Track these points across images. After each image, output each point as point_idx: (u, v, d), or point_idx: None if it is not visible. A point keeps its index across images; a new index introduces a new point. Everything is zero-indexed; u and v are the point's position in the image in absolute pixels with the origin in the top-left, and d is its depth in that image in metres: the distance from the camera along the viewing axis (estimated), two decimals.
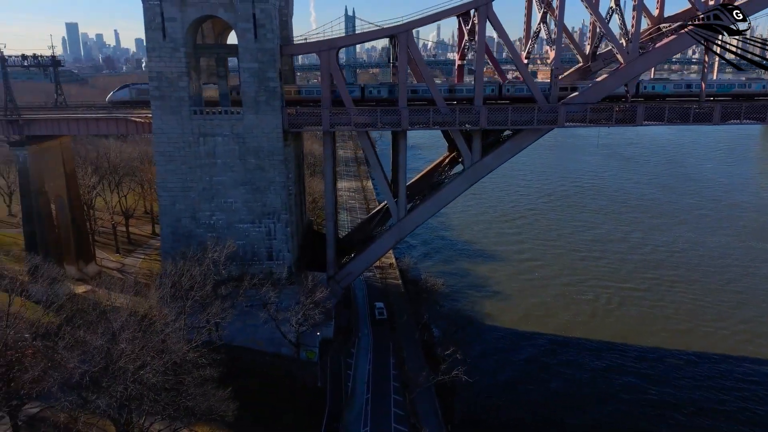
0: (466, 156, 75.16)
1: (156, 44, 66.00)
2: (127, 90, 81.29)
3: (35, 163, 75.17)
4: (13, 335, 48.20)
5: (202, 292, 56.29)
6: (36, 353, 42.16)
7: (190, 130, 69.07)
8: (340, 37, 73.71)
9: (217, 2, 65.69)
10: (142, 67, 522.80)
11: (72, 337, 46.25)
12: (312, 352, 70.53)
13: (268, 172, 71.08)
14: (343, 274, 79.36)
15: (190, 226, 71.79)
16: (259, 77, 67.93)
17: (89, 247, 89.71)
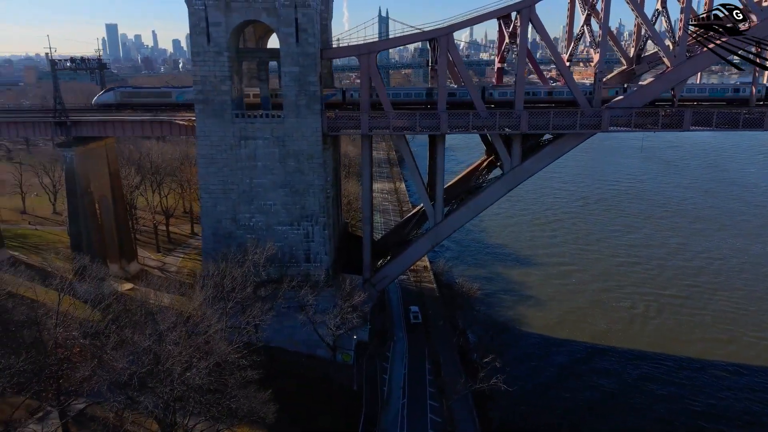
0: (505, 160, 74.30)
1: (200, 48, 67.13)
2: (111, 93, 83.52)
3: (81, 164, 77.33)
4: (62, 333, 49.81)
5: (243, 293, 56.97)
6: (84, 351, 43.29)
7: (232, 133, 70.03)
8: (380, 40, 73.83)
9: (261, 7, 66.45)
10: (179, 67, 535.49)
11: (118, 336, 47.57)
12: (348, 354, 70.86)
13: (307, 175, 71.57)
14: (379, 278, 79.36)
15: (230, 228, 72.81)
16: (300, 81, 68.44)
17: (132, 246, 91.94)
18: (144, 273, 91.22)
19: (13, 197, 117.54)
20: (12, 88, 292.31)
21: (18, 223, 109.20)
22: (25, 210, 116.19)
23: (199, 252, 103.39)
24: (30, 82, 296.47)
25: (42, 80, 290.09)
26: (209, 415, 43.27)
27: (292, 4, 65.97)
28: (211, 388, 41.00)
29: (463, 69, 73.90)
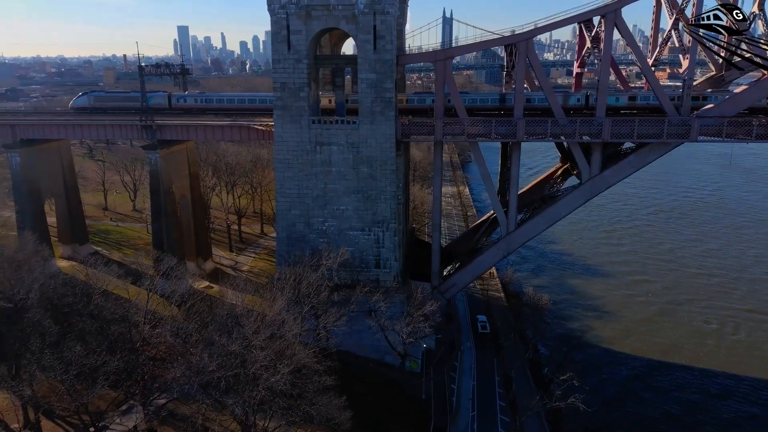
0: (584, 169, 71.90)
1: (281, 56, 68.59)
2: (86, 98, 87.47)
3: (165, 165, 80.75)
4: (150, 331, 52.04)
5: (319, 298, 57.71)
6: (173, 351, 44.98)
7: (308, 138, 71.19)
8: (457, 46, 73.09)
9: (340, 15, 67.18)
10: (246, 69, 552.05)
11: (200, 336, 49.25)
12: (415, 362, 70.64)
13: (380, 181, 71.79)
14: (448, 286, 78.66)
15: (303, 231, 74.06)
16: (376, 88, 68.71)
17: (208, 245, 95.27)
18: (218, 271, 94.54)
19: (96, 194, 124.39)
20: (92, 88, 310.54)
21: (100, 219, 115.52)
22: (107, 207, 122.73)
23: (269, 252, 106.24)
24: (109, 82, 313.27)
25: (120, 81, 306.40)
26: (288, 420, 43.97)
27: (371, 11, 66.30)
28: (292, 394, 41.67)
29: (542, 75, 72.10)
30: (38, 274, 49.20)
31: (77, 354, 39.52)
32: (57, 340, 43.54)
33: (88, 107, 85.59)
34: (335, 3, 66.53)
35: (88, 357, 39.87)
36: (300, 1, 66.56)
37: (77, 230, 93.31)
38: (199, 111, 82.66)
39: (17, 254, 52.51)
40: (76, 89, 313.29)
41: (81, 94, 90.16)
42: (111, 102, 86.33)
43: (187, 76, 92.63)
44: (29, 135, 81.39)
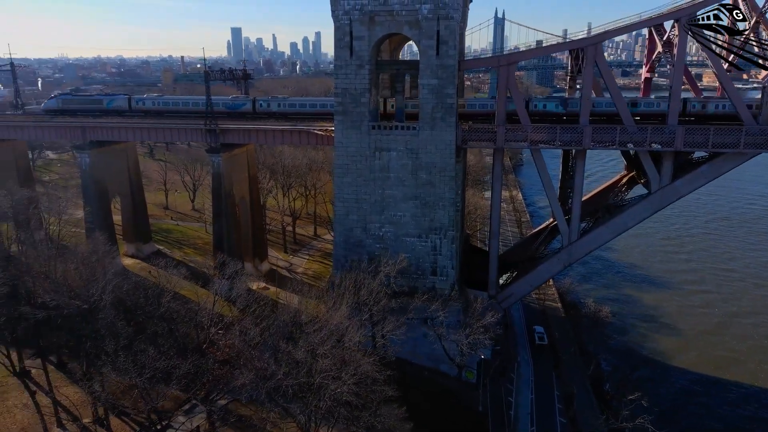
0: (653, 179, 68.98)
1: (343, 62, 68.77)
2: (54, 100, 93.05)
3: (226, 168, 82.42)
4: (215, 333, 53.01)
5: (378, 306, 57.48)
6: (240, 355, 45.60)
7: (368, 144, 71.11)
8: (520, 51, 71.45)
9: (404, 20, 66.77)
10: (296, 69, 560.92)
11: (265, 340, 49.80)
12: (471, 372, 69.48)
13: (438, 187, 70.99)
14: (505, 295, 77.09)
15: (360, 237, 74.07)
16: (438, 93, 67.95)
17: (264, 246, 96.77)
18: (274, 272, 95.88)
19: (158, 193, 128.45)
20: (151, 88, 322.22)
21: (161, 218, 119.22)
22: (168, 206, 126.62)
23: (322, 254, 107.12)
24: (167, 83, 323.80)
25: (178, 82, 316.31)
26: (350, 430, 43.86)
27: (435, 16, 65.59)
28: (357, 404, 41.54)
29: (611, 81, 69.51)
30: (111, 275, 50.89)
31: (151, 357, 40.58)
32: (129, 342, 44.85)
33: (58, 109, 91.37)
34: (399, 9, 66.17)
35: (161, 360, 40.83)
36: (364, 7, 66.56)
37: (141, 229, 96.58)
38: (281, 116, 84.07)
39: (91, 255, 54.41)
40: (136, 89, 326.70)
41: (51, 97, 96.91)
42: (76, 104, 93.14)
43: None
44: (98, 137, 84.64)
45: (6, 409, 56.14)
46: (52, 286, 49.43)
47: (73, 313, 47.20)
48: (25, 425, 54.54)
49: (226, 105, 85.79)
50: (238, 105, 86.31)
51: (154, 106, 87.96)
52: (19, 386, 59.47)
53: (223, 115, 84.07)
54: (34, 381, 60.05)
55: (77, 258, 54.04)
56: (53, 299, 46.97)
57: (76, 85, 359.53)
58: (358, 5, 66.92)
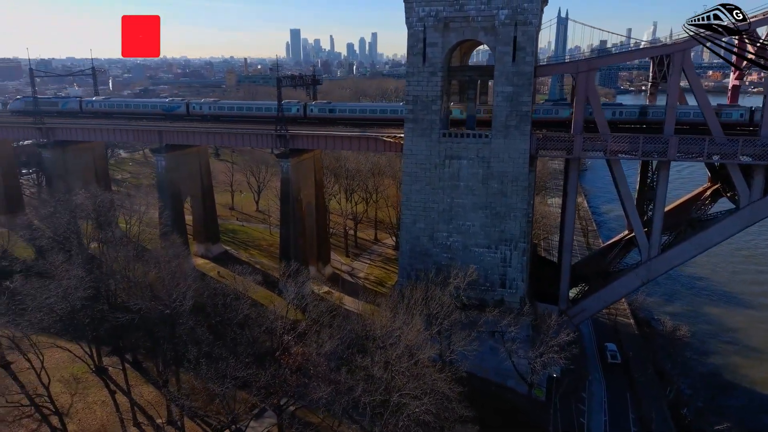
0: (743, 193, 64.55)
1: (415, 69, 67.88)
2: (18, 102, 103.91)
3: (295, 173, 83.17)
4: (287, 339, 53.18)
5: (449, 319, 56.24)
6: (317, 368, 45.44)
7: (438, 152, 69.93)
8: (600, 56, 68.44)
9: (479, 26, 65.23)
10: (353, 70, 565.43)
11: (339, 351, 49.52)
12: (540, 390, 67.20)
13: (510, 197, 68.96)
14: (577, 311, 74.13)
15: (427, 245, 72.96)
16: (513, 101, 65.97)
17: (328, 250, 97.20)
18: (336, 276, 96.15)
19: (223, 194, 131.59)
20: (216, 90, 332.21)
21: (227, 218, 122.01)
22: (233, 206, 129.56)
23: (383, 259, 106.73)
24: (231, 84, 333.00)
25: (241, 84, 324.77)
26: None
27: (513, 22, 63.67)
28: (435, 426, 40.53)
29: (700, 89, 65.41)
30: (190, 279, 52.00)
31: (232, 367, 40.98)
32: (210, 349, 45.55)
33: (22, 110, 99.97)
34: (475, 14, 64.66)
35: (242, 370, 41.18)
36: (439, 13, 65.45)
37: (210, 230, 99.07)
38: (213, 118, 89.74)
39: (171, 259, 55.77)
40: (202, 90, 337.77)
41: (16, 99, 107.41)
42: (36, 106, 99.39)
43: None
44: (173, 140, 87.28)
45: (86, 406, 58.35)
46: (135, 290, 50.91)
47: (154, 316, 48.39)
48: (104, 422, 56.49)
49: (163, 107, 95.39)
50: (174, 107, 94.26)
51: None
52: (98, 383, 61.81)
53: (161, 116, 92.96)
54: (111, 378, 62.33)
55: (158, 261, 55.45)
56: (136, 303, 48.33)
57: (144, 85, 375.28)
58: (433, 11, 65.87)
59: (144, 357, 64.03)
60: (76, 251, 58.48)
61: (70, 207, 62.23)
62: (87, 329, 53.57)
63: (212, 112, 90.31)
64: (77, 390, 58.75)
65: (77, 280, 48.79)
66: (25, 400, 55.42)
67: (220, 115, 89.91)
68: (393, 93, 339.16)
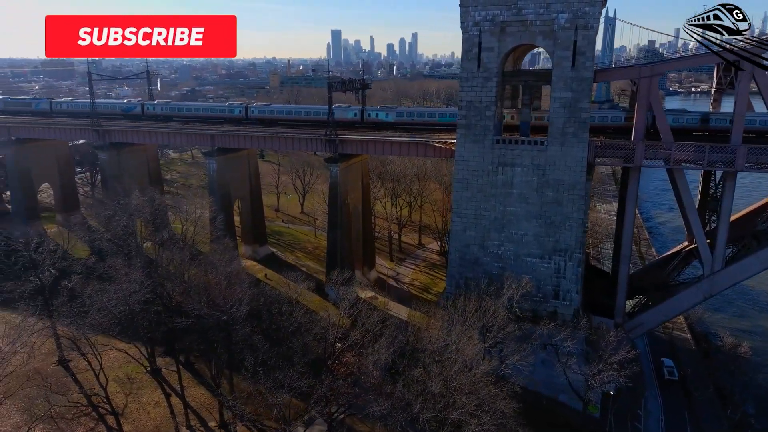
0: None
1: (470, 74, 66.65)
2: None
3: (343, 177, 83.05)
4: (340, 348, 52.80)
5: (504, 332, 54.84)
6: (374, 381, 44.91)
7: (490, 159, 68.50)
8: (664, 62, 65.59)
9: (537, 30, 63.49)
10: (393, 71, 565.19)
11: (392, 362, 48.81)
12: (594, 406, 64.87)
13: (566, 206, 66.93)
14: (633, 325, 71.43)
15: (477, 254, 71.59)
16: (571, 107, 63.97)
17: (373, 255, 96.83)
18: (381, 281, 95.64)
19: (269, 195, 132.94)
20: (259, 91, 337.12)
21: (273, 219, 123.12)
22: (279, 208, 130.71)
23: (427, 264, 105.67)
24: (274, 85, 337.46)
25: (284, 85, 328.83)
26: None
27: (573, 26, 61.73)
28: None
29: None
30: (246, 286, 52.26)
31: (290, 377, 40.81)
32: (267, 358, 45.58)
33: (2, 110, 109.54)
34: (533, 18, 62.97)
35: (298, 379, 40.98)
36: (495, 17, 64.04)
37: (258, 232, 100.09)
38: (165, 118, 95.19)
39: (227, 263, 56.22)
40: (246, 91, 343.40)
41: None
42: (12, 106, 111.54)
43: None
44: (225, 144, 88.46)
45: (140, 406, 59.42)
46: (193, 294, 51.44)
47: (211, 321, 48.78)
48: (157, 423, 57.38)
49: (121, 107, 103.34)
50: (131, 108, 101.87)
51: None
52: (152, 383, 62.99)
53: (119, 116, 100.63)
54: (164, 379, 63.40)
55: (214, 266, 55.96)
56: (194, 308, 48.81)
57: (191, 86, 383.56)
58: (489, 15, 64.50)
59: (196, 358, 64.92)
60: (135, 253, 59.73)
61: (128, 210, 63.55)
62: (144, 331, 54.49)
63: (164, 113, 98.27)
64: (131, 390, 60.07)
65: (137, 284, 49.59)
66: (84, 399, 56.92)
67: (170, 116, 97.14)
68: (434, 94, 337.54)
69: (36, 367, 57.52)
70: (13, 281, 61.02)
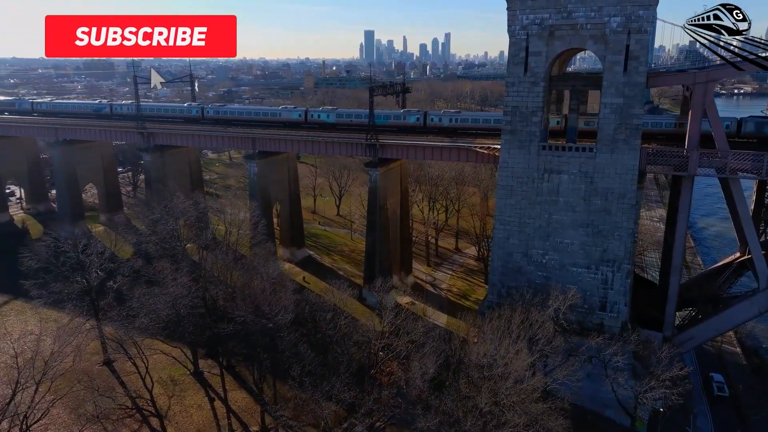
0: None
1: (516, 79, 65.24)
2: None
3: (383, 182, 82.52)
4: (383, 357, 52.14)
5: (551, 346, 53.37)
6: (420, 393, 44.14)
7: (536, 165, 66.94)
8: (721, 66, 62.60)
9: (588, 34, 61.67)
10: (426, 71, 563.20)
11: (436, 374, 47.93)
12: (642, 422, 62.76)
13: (615, 216, 64.89)
14: (683, 339, 68.84)
15: (520, 262, 70.09)
16: (622, 113, 61.93)
17: (410, 259, 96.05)
18: (418, 286, 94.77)
19: (306, 197, 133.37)
20: (294, 92, 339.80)
21: (309, 221, 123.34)
22: (315, 210, 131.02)
23: (465, 270, 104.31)
24: (309, 87, 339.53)
25: (318, 86, 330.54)
26: None
27: (626, 30, 59.72)
28: None
29: None
30: (290, 292, 52.14)
31: (337, 389, 40.40)
32: (313, 368, 45.31)
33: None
34: (584, 22, 61.17)
35: (345, 391, 40.53)
36: (544, 21, 62.47)
37: (296, 234, 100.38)
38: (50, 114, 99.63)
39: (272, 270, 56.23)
40: (281, 92, 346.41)
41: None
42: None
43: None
44: (266, 148, 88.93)
45: (183, 409, 59.94)
46: (238, 300, 51.56)
47: (256, 328, 48.77)
48: (200, 427, 57.77)
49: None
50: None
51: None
52: (194, 386, 63.57)
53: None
54: (206, 382, 63.89)
55: (258, 271, 56.02)
56: (240, 315, 48.89)
57: (227, 86, 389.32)
58: (538, 19, 62.96)
59: (237, 362, 65.20)
60: (181, 257, 60.33)
61: (174, 214, 64.30)
62: (189, 335, 54.89)
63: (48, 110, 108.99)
64: (174, 392, 60.74)
65: (185, 289, 49.93)
66: (128, 401, 57.64)
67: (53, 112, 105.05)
68: (469, 95, 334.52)
69: (82, 367, 58.61)
70: (62, 282, 62.17)
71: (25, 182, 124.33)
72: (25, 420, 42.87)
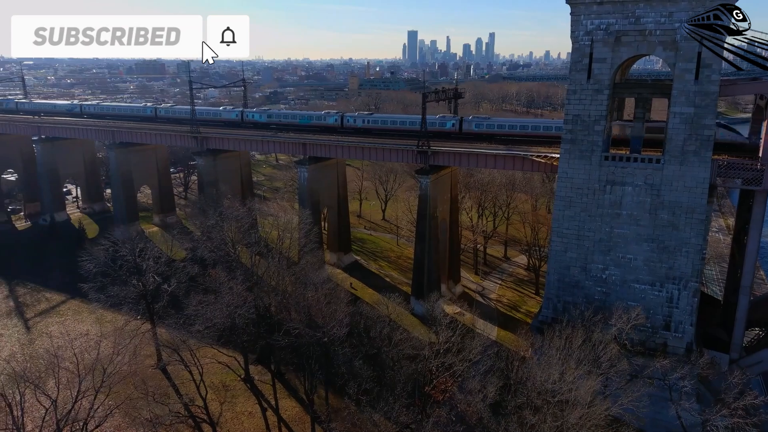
0: None
1: (578, 86, 62.71)
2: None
3: (433, 190, 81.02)
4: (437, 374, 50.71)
5: (616, 368, 50.85)
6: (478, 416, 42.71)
7: (597, 176, 64.19)
8: None
9: (656, 40, 58.65)
10: (470, 72, 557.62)
11: None
12: None
13: (683, 231, 61.57)
14: (751, 361, 64.68)
15: (578, 277, 67.43)
16: (693, 123, 58.66)
17: (458, 268, 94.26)
18: (466, 296, 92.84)
19: (352, 201, 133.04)
20: (339, 93, 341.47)
21: (355, 226, 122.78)
22: (360, 214, 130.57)
23: (514, 280, 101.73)
24: (353, 88, 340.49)
25: (362, 88, 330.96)
26: None
27: (698, 35, 56.30)
28: None
29: None
30: (344, 305, 51.43)
31: (396, 412, 39.37)
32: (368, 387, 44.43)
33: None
34: (653, 27, 58.21)
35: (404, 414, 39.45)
36: (610, 26, 59.79)
37: (343, 239, 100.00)
38: (488, 137, 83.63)
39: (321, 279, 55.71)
40: (325, 93, 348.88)
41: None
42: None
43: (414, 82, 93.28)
44: (316, 153, 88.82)
45: (235, 416, 60.06)
46: (292, 311, 51.15)
47: (311, 341, 48.22)
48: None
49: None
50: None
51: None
52: (245, 392, 63.68)
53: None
54: (257, 389, 63.92)
55: (311, 282, 55.56)
56: (295, 327, 48.43)
57: (272, 87, 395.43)
58: (603, 24, 60.32)
59: (287, 369, 65.02)
60: (235, 264, 60.53)
61: (229, 219, 64.58)
62: (243, 344, 54.86)
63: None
64: (226, 398, 60.92)
65: (240, 299, 49.83)
66: (181, 406, 58.06)
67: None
68: (514, 97, 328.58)
69: (137, 370, 59.41)
70: (119, 285, 63.28)
71: (82, 182, 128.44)
72: (84, 426, 43.44)
